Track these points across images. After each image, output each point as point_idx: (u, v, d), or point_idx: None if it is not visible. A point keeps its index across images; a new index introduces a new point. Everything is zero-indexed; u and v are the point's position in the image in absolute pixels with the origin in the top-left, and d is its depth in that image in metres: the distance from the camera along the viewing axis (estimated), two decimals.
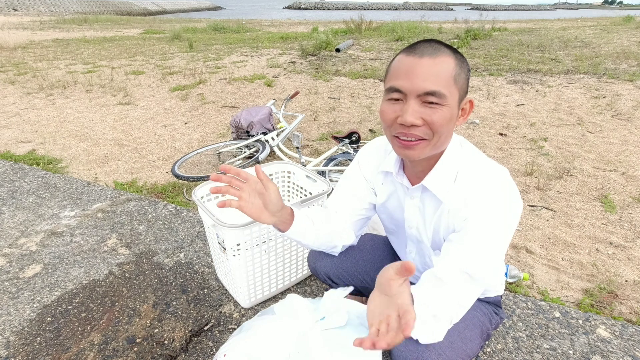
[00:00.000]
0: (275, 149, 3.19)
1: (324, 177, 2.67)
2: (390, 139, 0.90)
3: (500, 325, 1.57)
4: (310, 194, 1.79)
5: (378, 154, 1.09)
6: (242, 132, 3.33)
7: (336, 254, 1.23)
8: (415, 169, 0.97)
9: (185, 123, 4.27)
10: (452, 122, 0.85)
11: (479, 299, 1.14)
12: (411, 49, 0.85)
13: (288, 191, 1.96)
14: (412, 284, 1.22)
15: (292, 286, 1.80)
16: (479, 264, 0.84)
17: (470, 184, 0.89)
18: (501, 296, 1.20)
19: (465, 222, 0.87)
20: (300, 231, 1.02)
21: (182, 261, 1.98)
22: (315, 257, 1.31)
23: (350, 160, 2.86)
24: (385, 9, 71.32)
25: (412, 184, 1.00)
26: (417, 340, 0.92)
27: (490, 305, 1.16)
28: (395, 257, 1.36)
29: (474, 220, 0.86)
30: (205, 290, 1.79)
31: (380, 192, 1.10)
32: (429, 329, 0.81)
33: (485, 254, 0.84)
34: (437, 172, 0.93)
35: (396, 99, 0.84)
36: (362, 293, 1.32)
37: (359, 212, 1.14)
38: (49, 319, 1.63)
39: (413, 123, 0.81)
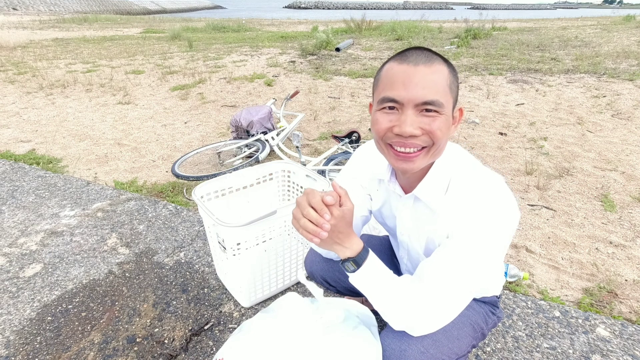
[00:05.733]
0: (275, 149, 3.19)
1: (324, 176, 2.67)
2: (383, 148, 0.87)
3: (500, 325, 1.57)
4: None
5: (373, 160, 1.06)
6: (242, 132, 3.33)
7: (335, 258, 1.23)
8: (407, 177, 0.96)
9: (185, 122, 4.27)
10: (449, 130, 0.83)
11: (474, 299, 1.13)
12: (402, 57, 0.81)
13: (288, 191, 1.96)
14: None
15: (292, 285, 1.80)
16: (465, 271, 0.83)
17: (462, 194, 0.87)
18: (498, 296, 1.19)
19: (456, 231, 0.86)
20: None
21: (182, 260, 1.98)
22: (312, 261, 1.31)
23: None
24: (385, 8, 71.25)
25: (406, 192, 0.98)
26: (400, 337, 0.91)
27: (486, 305, 1.15)
28: (393, 258, 1.36)
29: (464, 230, 0.85)
30: (206, 289, 1.79)
31: (375, 198, 1.09)
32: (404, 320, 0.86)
33: (472, 263, 0.83)
34: (428, 182, 0.91)
35: (391, 108, 0.82)
36: (360, 294, 1.32)
37: (357, 218, 1.12)
38: (49, 318, 1.63)
39: (412, 134, 0.79)
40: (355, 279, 0.89)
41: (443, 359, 0.94)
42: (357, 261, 0.88)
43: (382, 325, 1.31)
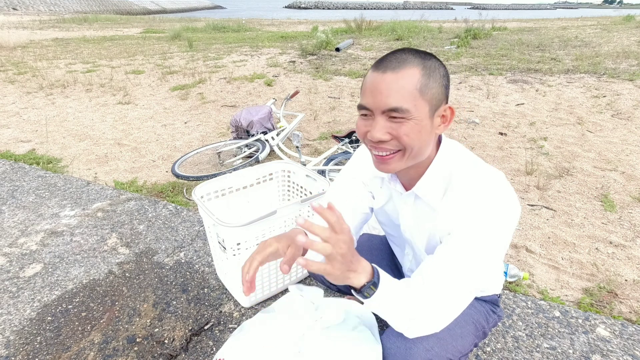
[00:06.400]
0: (275, 149, 3.20)
1: (324, 176, 2.67)
2: (368, 150, 0.92)
3: (500, 324, 1.57)
4: (310, 193, 1.79)
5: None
6: (242, 132, 3.33)
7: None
8: (406, 176, 0.97)
9: (185, 122, 4.27)
10: (422, 133, 0.83)
11: (475, 298, 1.13)
12: (378, 63, 0.84)
13: (288, 190, 1.96)
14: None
15: (292, 285, 1.80)
16: (467, 269, 0.83)
17: (462, 191, 0.88)
18: (499, 295, 1.20)
19: (457, 228, 0.86)
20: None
21: (182, 260, 1.98)
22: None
23: None
24: (385, 8, 71.25)
25: (407, 189, 0.99)
26: (404, 336, 0.92)
27: (487, 303, 1.16)
28: (393, 257, 1.36)
29: (465, 226, 0.85)
30: (206, 289, 1.79)
31: (378, 196, 1.10)
32: (405, 325, 0.85)
33: (474, 260, 0.84)
34: (427, 180, 0.92)
35: (365, 114, 0.86)
36: None
37: (358, 216, 1.12)
38: (49, 318, 1.63)
39: (380, 139, 0.82)
40: (374, 302, 0.80)
41: (447, 357, 0.95)
42: (375, 282, 0.78)
43: (382, 325, 1.32)
